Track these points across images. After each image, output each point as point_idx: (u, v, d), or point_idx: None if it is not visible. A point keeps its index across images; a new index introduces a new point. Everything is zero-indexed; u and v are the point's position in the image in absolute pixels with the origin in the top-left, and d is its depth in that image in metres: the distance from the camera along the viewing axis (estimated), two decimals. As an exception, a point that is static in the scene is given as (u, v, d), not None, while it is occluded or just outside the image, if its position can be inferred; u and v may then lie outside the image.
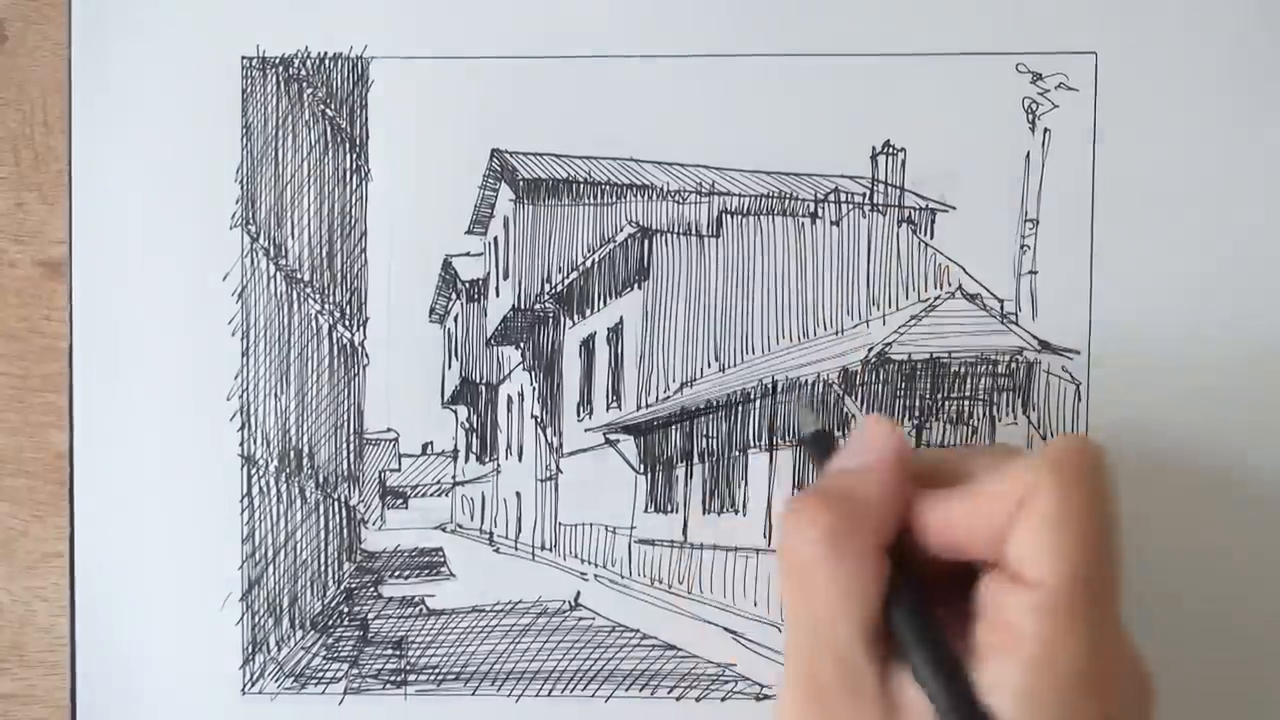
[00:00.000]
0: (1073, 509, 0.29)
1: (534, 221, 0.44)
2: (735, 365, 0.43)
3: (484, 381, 0.45)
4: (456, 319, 0.44)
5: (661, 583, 0.44)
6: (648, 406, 0.44)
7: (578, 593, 0.44)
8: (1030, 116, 0.42)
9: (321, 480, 0.44)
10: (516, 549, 0.45)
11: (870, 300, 0.43)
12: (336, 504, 0.44)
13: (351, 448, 0.44)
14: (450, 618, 0.43)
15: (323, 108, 0.43)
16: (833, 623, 0.31)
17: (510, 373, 0.45)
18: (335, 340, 0.44)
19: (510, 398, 0.46)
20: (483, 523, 0.46)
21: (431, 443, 0.44)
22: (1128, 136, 0.42)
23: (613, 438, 0.45)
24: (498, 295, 0.45)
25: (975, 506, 0.31)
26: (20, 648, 0.43)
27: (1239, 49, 0.41)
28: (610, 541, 0.44)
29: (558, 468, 0.45)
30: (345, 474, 0.44)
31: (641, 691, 0.43)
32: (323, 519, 0.44)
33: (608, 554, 0.44)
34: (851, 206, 0.43)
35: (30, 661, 0.43)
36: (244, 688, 0.43)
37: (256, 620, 0.43)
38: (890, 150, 0.42)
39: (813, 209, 0.43)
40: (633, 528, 0.44)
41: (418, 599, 0.44)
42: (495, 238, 0.44)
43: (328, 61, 0.43)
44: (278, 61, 0.43)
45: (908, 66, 0.42)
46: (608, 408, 0.45)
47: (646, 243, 0.44)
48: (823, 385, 0.42)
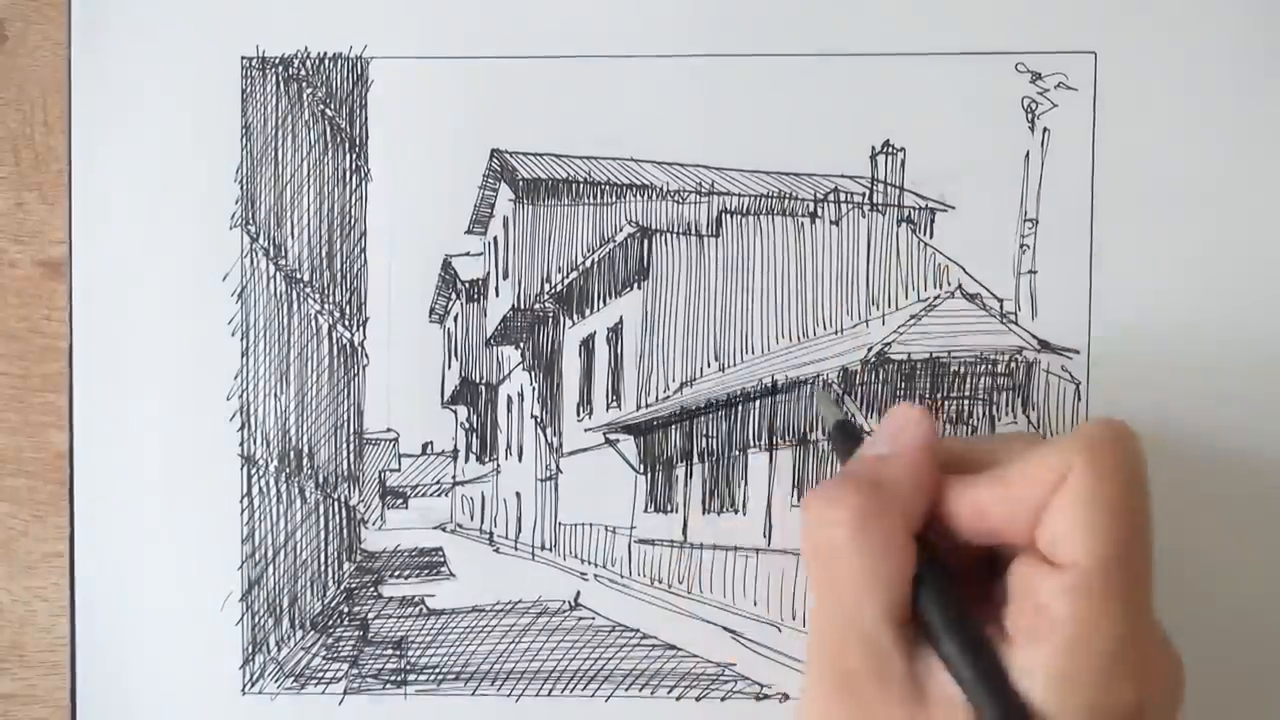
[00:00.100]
0: (1108, 490, 0.29)
1: (534, 221, 0.44)
2: (735, 365, 0.43)
3: (484, 381, 0.45)
4: (456, 319, 0.44)
5: (661, 582, 0.44)
6: (648, 406, 0.44)
7: (578, 592, 0.44)
8: (1030, 116, 0.42)
9: (321, 480, 0.44)
10: (516, 549, 0.45)
11: (870, 300, 0.43)
12: (336, 504, 0.44)
13: (351, 448, 0.44)
14: (450, 618, 0.43)
15: (322, 108, 0.43)
16: (860, 606, 0.31)
17: (510, 373, 0.45)
18: (335, 340, 0.44)
19: (510, 398, 0.46)
20: (483, 523, 0.46)
21: (431, 443, 0.44)
22: (1127, 136, 0.42)
23: (613, 437, 0.45)
24: (497, 295, 0.45)
25: (1006, 490, 0.31)
26: (20, 648, 0.43)
27: (1239, 49, 0.41)
28: (610, 541, 0.44)
29: (558, 468, 0.45)
30: (345, 474, 0.44)
31: (641, 691, 0.43)
32: (323, 519, 0.44)
33: (608, 554, 0.44)
34: (851, 206, 0.43)
35: (30, 661, 0.43)
36: (244, 688, 0.43)
37: (256, 620, 0.43)
38: (890, 150, 0.42)
39: (812, 209, 0.43)
40: (632, 528, 0.44)
41: (418, 599, 0.44)
42: (495, 238, 0.44)
43: (327, 61, 0.43)
44: (278, 61, 0.43)
45: (907, 66, 0.42)
46: (608, 407, 0.45)
47: (646, 242, 0.44)
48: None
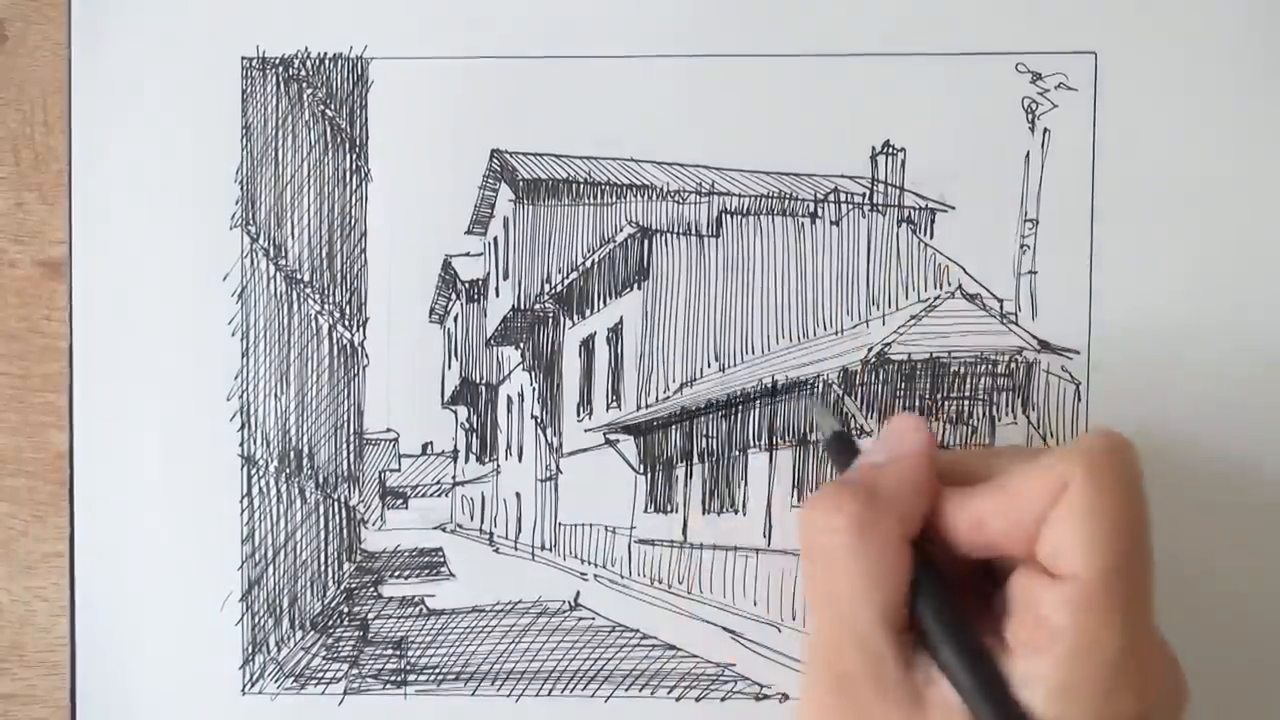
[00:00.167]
0: (1108, 502, 0.29)
1: (534, 221, 0.44)
2: (735, 365, 0.43)
3: (484, 382, 0.45)
4: (456, 319, 0.44)
5: (661, 583, 0.44)
6: (647, 406, 0.44)
7: (577, 593, 0.44)
8: (1030, 116, 0.42)
9: (321, 480, 0.44)
10: (516, 549, 0.45)
11: (870, 300, 0.43)
12: (336, 504, 0.44)
13: (351, 448, 0.44)
14: (450, 618, 0.43)
15: (322, 108, 0.43)
16: (856, 611, 0.31)
17: (510, 373, 0.45)
18: (335, 340, 0.44)
19: (510, 398, 0.46)
20: (483, 523, 0.46)
21: (431, 443, 0.44)
22: (1127, 136, 0.42)
23: (613, 438, 0.45)
24: (497, 295, 0.45)
25: (1005, 501, 0.31)
26: (20, 648, 0.43)
27: (1239, 49, 0.41)
28: (610, 541, 0.44)
29: (558, 468, 0.45)
30: (345, 474, 0.44)
31: (641, 691, 0.43)
32: (323, 519, 0.44)
33: (607, 554, 0.44)
34: (851, 206, 0.43)
35: (30, 661, 0.43)
36: (244, 688, 0.43)
37: (256, 620, 0.43)
38: (890, 150, 0.42)
39: (812, 209, 0.43)
40: (632, 528, 0.44)
41: (418, 599, 0.44)
42: (495, 238, 0.44)
43: (328, 62, 0.43)
44: (278, 62, 0.43)
45: (908, 66, 0.42)
46: (607, 408, 0.45)
47: (646, 243, 0.44)
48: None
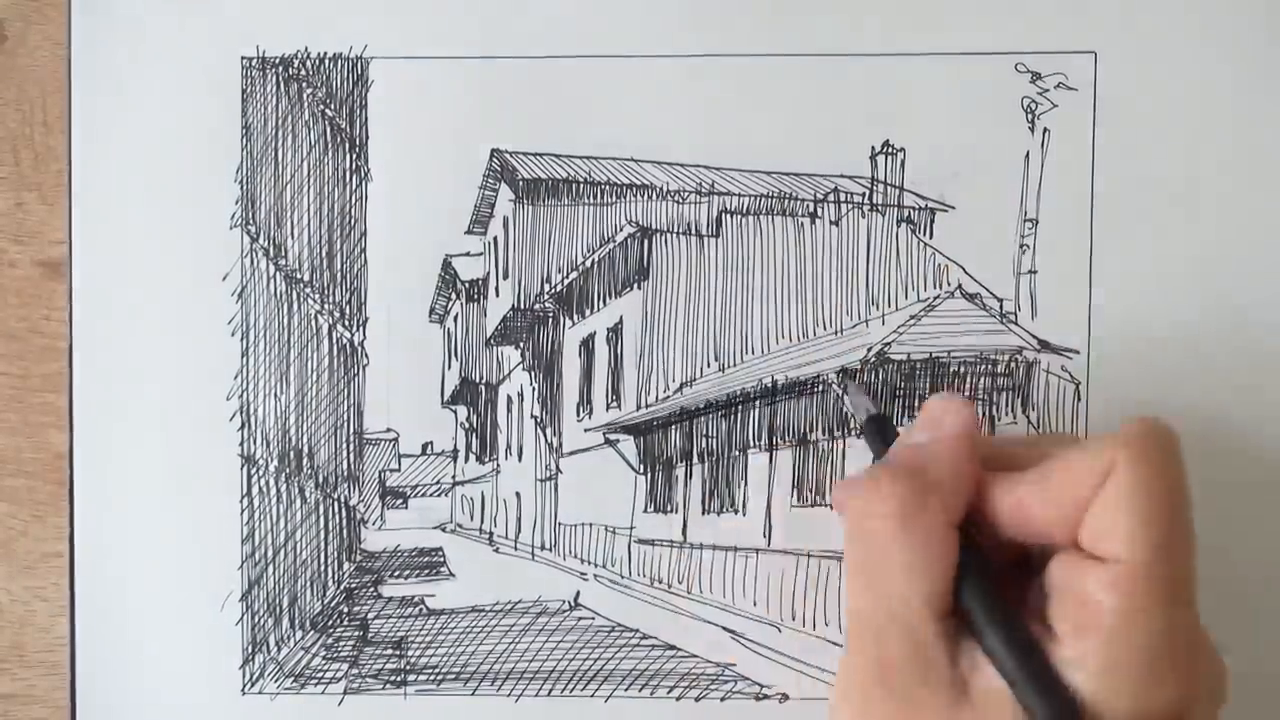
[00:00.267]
0: (1152, 486, 0.30)
1: (534, 221, 0.44)
2: (735, 365, 0.43)
3: (484, 381, 0.45)
4: (456, 319, 0.44)
5: (661, 583, 0.44)
6: (647, 406, 0.44)
7: (577, 593, 0.44)
8: (1030, 116, 0.42)
9: (321, 480, 0.44)
10: (516, 549, 0.45)
11: (870, 300, 0.43)
12: (336, 504, 0.44)
13: (351, 448, 0.44)
14: (450, 618, 0.43)
15: (322, 108, 0.43)
16: (904, 598, 0.31)
17: (510, 373, 0.45)
18: (335, 340, 0.44)
19: (510, 398, 0.46)
20: (482, 523, 0.46)
21: (431, 443, 0.44)
22: (1127, 136, 0.42)
23: (612, 438, 0.45)
24: (497, 295, 0.45)
25: (1049, 486, 0.31)
26: (20, 648, 0.43)
27: (1239, 49, 0.41)
28: (610, 541, 0.44)
29: (557, 468, 0.45)
30: (345, 474, 0.44)
31: (641, 691, 0.43)
32: (322, 519, 0.44)
33: (607, 554, 0.44)
34: (851, 206, 0.43)
35: (30, 661, 0.43)
36: (244, 688, 0.43)
37: (256, 620, 0.43)
38: (889, 150, 0.42)
39: (812, 209, 0.43)
40: (632, 528, 0.44)
41: (417, 599, 0.44)
42: (495, 238, 0.44)
43: (327, 62, 0.43)
44: (278, 62, 0.43)
45: (907, 66, 0.42)
46: (607, 408, 0.45)
47: (646, 242, 0.44)
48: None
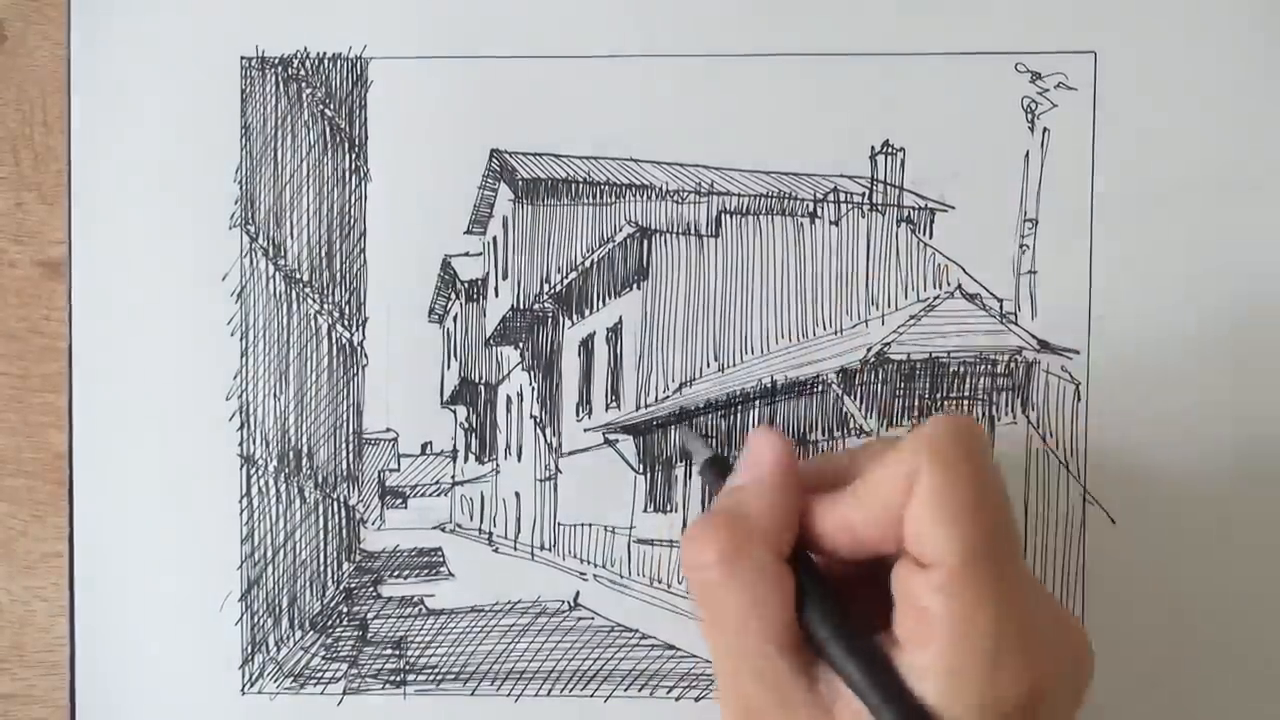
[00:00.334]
0: (956, 485, 0.30)
1: (533, 221, 0.44)
2: (734, 365, 0.43)
3: (483, 381, 0.45)
4: (456, 319, 0.44)
5: (660, 582, 0.44)
6: (647, 406, 0.44)
7: (577, 592, 0.44)
8: (1029, 116, 0.42)
9: (321, 480, 0.44)
10: (516, 549, 0.45)
11: (869, 300, 0.43)
12: (336, 504, 0.44)
13: (351, 448, 0.44)
14: (449, 618, 0.43)
15: (322, 108, 0.43)
16: (745, 639, 0.31)
17: (509, 373, 0.45)
18: (334, 340, 0.44)
19: (509, 398, 0.46)
20: (482, 523, 0.46)
21: (431, 443, 0.44)
22: (1127, 136, 0.41)
23: (612, 438, 0.45)
24: (497, 295, 0.45)
25: (866, 500, 0.31)
26: (20, 648, 0.43)
27: (1239, 49, 0.41)
28: (609, 541, 0.44)
29: (557, 468, 0.45)
30: (344, 474, 0.44)
31: (640, 691, 0.43)
32: (322, 519, 0.44)
33: (607, 554, 0.44)
34: (851, 206, 0.43)
35: (30, 661, 0.43)
36: (243, 688, 0.43)
37: (256, 620, 0.43)
38: (889, 150, 0.42)
39: (812, 209, 0.43)
40: (632, 527, 0.44)
41: (417, 599, 0.44)
42: (494, 238, 0.44)
43: (327, 62, 0.43)
44: (277, 62, 0.43)
45: (907, 66, 0.42)
46: (607, 408, 0.45)
47: (645, 243, 0.44)
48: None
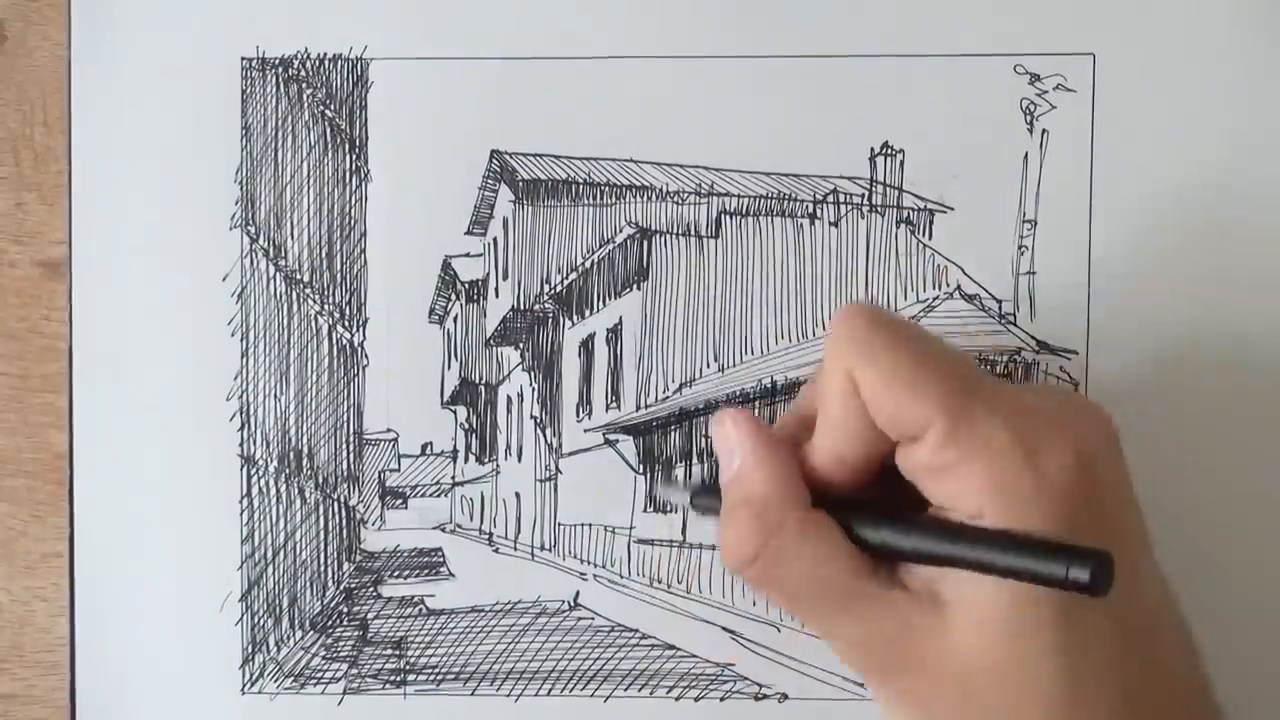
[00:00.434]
0: (888, 357, 0.30)
1: (533, 222, 0.44)
2: (734, 366, 0.43)
3: (483, 382, 0.45)
4: (456, 319, 0.44)
5: (660, 582, 0.44)
6: (647, 407, 0.44)
7: (577, 593, 0.44)
8: (1028, 118, 0.42)
9: (321, 480, 0.44)
10: (516, 549, 0.45)
11: (869, 301, 0.43)
12: (336, 504, 0.44)
13: (351, 448, 0.44)
14: (449, 618, 0.43)
15: (322, 109, 0.43)
16: (827, 594, 0.31)
17: (509, 373, 0.45)
18: (335, 341, 0.44)
19: (509, 398, 0.46)
20: (482, 523, 0.46)
21: (431, 443, 0.44)
22: (1126, 137, 0.42)
23: (612, 438, 0.45)
24: (497, 296, 0.45)
25: (831, 427, 0.32)
26: (20, 648, 0.43)
27: (1239, 49, 0.41)
28: (609, 541, 0.44)
29: (557, 468, 0.45)
30: (345, 474, 0.44)
31: (640, 691, 0.43)
32: (322, 519, 0.44)
33: (607, 554, 0.44)
34: (850, 207, 0.43)
35: (30, 661, 0.43)
36: (243, 688, 0.43)
37: (256, 620, 0.43)
38: (889, 151, 0.42)
39: (811, 210, 0.43)
40: (632, 528, 0.44)
41: (417, 599, 0.44)
42: (494, 238, 0.44)
43: (327, 62, 0.43)
44: (277, 62, 0.43)
45: (906, 67, 0.42)
46: (607, 408, 0.45)
47: (645, 243, 0.44)
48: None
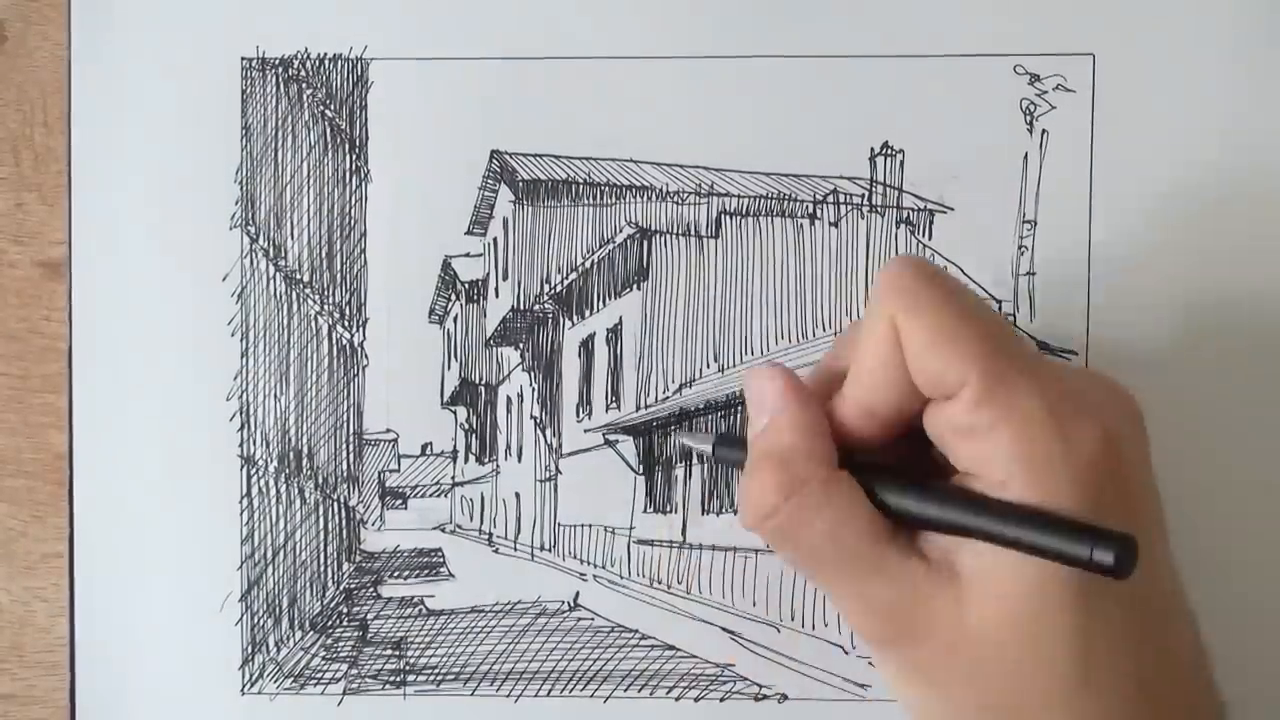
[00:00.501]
0: (933, 311, 0.30)
1: (533, 222, 0.44)
2: (734, 366, 0.43)
3: (483, 382, 0.45)
4: (456, 320, 0.44)
5: (660, 583, 0.44)
6: (647, 407, 0.44)
7: (577, 593, 0.44)
8: (1028, 118, 0.42)
9: (321, 481, 0.44)
10: (516, 549, 0.45)
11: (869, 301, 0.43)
12: (336, 504, 0.44)
13: (351, 448, 0.44)
14: (449, 618, 0.43)
15: (322, 108, 0.43)
16: (844, 553, 0.31)
17: (509, 373, 0.45)
18: (335, 341, 0.44)
19: (509, 398, 0.46)
20: (482, 523, 0.46)
21: (431, 443, 0.44)
22: (1125, 138, 0.42)
23: (612, 438, 0.45)
24: (497, 296, 0.45)
25: (866, 380, 0.31)
26: (20, 648, 0.43)
27: (1238, 50, 0.41)
28: (609, 542, 0.44)
29: (557, 468, 0.45)
30: (345, 474, 0.44)
31: (640, 692, 0.43)
32: (322, 519, 0.44)
33: (607, 554, 0.44)
34: (850, 207, 0.43)
35: (30, 661, 0.43)
36: (243, 688, 0.43)
37: (256, 621, 0.43)
38: (889, 151, 0.42)
39: (811, 210, 0.43)
40: (631, 528, 0.44)
41: (417, 599, 0.44)
42: (495, 238, 0.44)
43: (327, 62, 0.43)
44: (277, 62, 0.43)
45: (906, 68, 0.42)
46: (607, 408, 0.45)
47: (645, 243, 0.44)
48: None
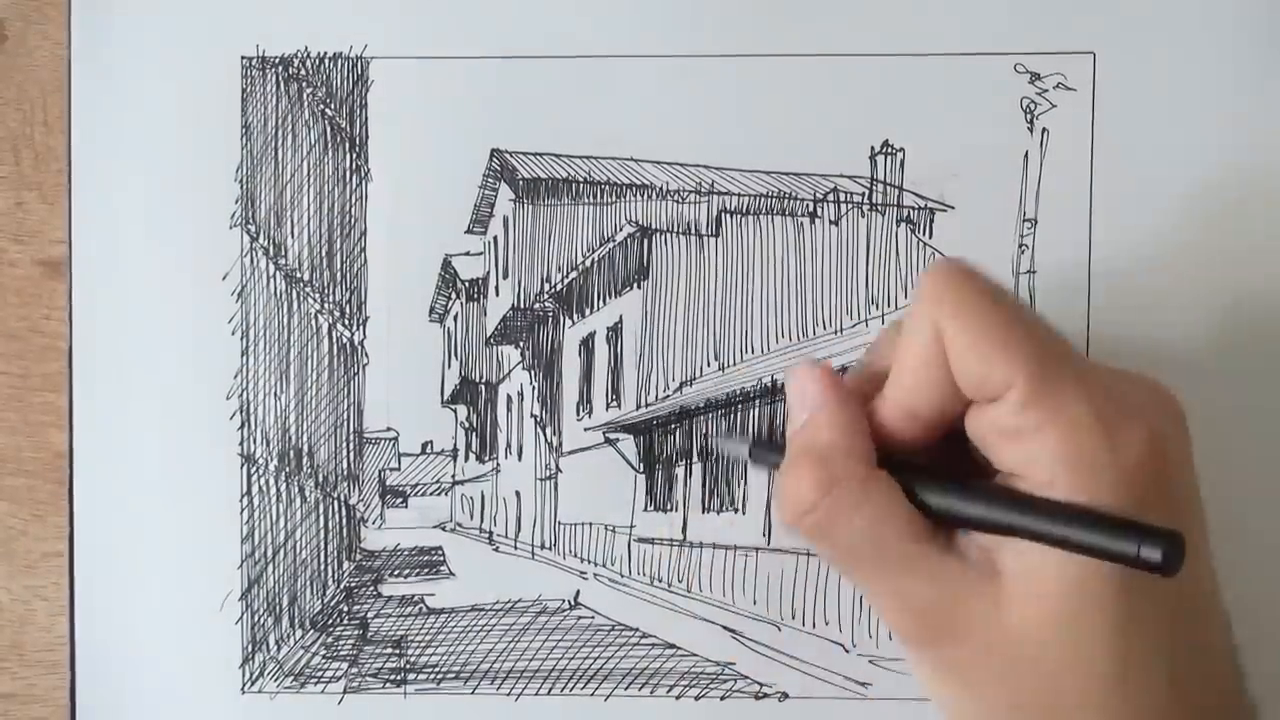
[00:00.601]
0: (980, 315, 0.29)
1: (534, 221, 0.44)
2: (734, 364, 0.43)
3: (484, 381, 0.45)
4: (456, 318, 0.44)
5: (661, 581, 0.44)
6: (647, 406, 0.44)
7: (577, 591, 0.44)
8: (1029, 116, 0.42)
9: (321, 479, 0.44)
10: (516, 548, 0.45)
11: (869, 300, 0.43)
12: (336, 503, 0.44)
13: (351, 447, 0.44)
14: (450, 617, 0.43)
15: (322, 107, 0.43)
16: (883, 551, 0.31)
17: (510, 372, 0.45)
18: (335, 339, 0.44)
19: (510, 397, 0.46)
20: (482, 522, 0.46)
21: (431, 442, 0.44)
22: (1126, 136, 0.42)
23: (612, 437, 0.45)
24: (497, 294, 0.45)
25: (908, 382, 0.31)
26: (20, 647, 0.43)
27: (1239, 49, 0.41)
28: (610, 540, 0.44)
29: (557, 467, 0.45)
30: (345, 473, 0.44)
31: (641, 690, 0.43)
32: (322, 518, 0.44)
33: (607, 553, 0.44)
34: (850, 206, 0.43)
35: (30, 661, 0.43)
36: (243, 687, 0.43)
37: (256, 619, 0.43)
38: (889, 150, 0.42)
39: (812, 209, 0.43)
40: (632, 526, 0.44)
41: (417, 598, 0.44)
42: (495, 237, 0.44)
43: (327, 61, 0.43)
44: (277, 61, 0.43)
45: (907, 66, 0.42)
46: (607, 407, 0.45)
47: (646, 242, 0.44)
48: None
